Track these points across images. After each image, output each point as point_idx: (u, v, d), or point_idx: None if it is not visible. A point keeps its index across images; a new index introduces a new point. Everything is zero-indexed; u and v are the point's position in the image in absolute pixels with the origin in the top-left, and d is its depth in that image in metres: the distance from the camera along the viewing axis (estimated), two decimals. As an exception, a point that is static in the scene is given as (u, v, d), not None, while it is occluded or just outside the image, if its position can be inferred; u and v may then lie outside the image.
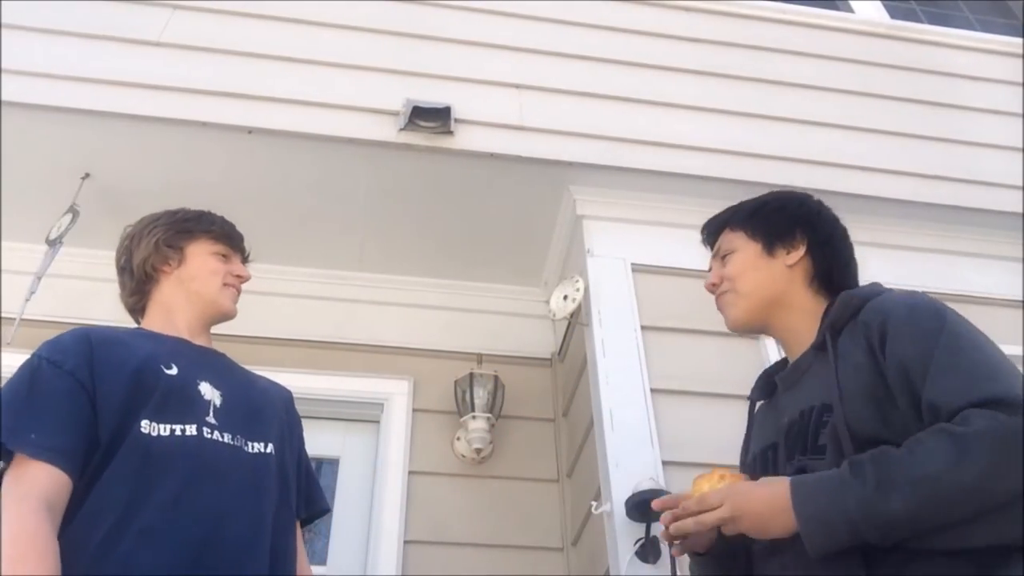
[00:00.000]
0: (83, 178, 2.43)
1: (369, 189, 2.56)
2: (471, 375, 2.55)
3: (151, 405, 1.23)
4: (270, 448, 1.36)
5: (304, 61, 2.57)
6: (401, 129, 2.43)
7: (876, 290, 1.23)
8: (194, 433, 1.25)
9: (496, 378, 2.56)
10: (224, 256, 1.53)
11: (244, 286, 1.55)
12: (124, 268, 1.51)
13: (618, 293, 2.35)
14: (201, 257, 1.50)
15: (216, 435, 1.28)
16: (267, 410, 1.43)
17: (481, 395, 2.51)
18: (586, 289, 2.35)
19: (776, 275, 1.31)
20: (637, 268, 2.41)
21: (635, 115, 2.67)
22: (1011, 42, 3.31)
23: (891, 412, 1.06)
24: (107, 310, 2.53)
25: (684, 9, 3.05)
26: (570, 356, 2.62)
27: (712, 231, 1.48)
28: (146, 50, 2.48)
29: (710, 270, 1.44)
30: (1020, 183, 2.73)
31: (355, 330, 2.73)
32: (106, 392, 1.21)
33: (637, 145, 2.57)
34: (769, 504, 1.05)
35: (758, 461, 1.27)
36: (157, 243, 1.48)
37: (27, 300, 2.19)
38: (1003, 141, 2.89)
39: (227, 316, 1.51)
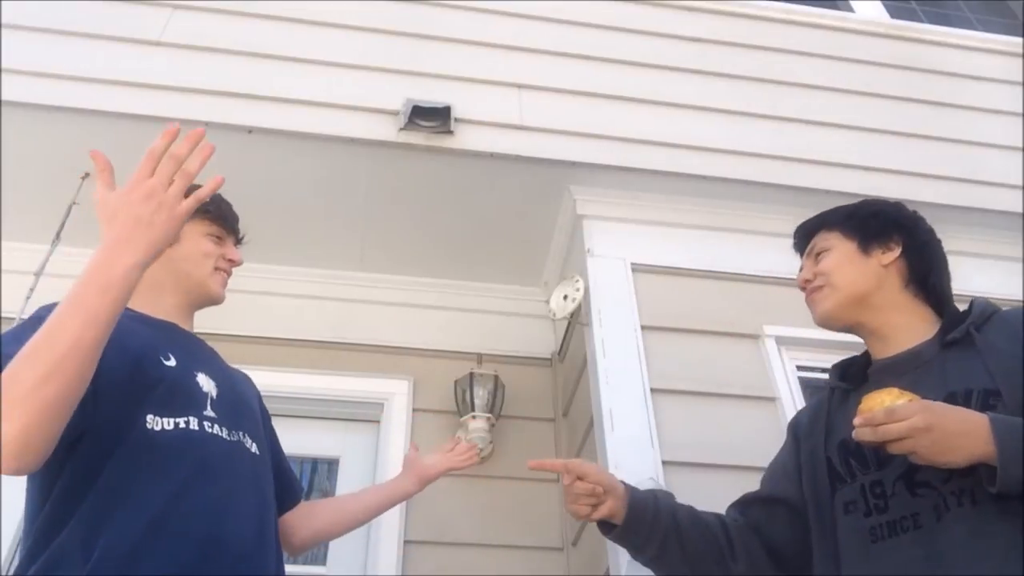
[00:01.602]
0: (83, 178, 2.42)
1: (369, 189, 2.56)
2: (471, 375, 2.55)
3: (155, 399, 1.21)
4: (258, 445, 1.35)
5: (304, 61, 2.56)
6: (401, 129, 2.43)
7: (997, 305, 1.31)
8: (196, 428, 1.24)
9: (496, 378, 2.56)
10: (218, 238, 1.49)
11: (244, 286, 1.54)
12: None
13: (618, 293, 2.34)
14: (194, 238, 1.45)
15: (216, 429, 1.26)
16: (252, 404, 1.43)
17: (481, 395, 2.51)
18: (586, 289, 2.35)
19: (870, 272, 1.35)
20: (637, 268, 2.41)
21: (635, 114, 2.67)
22: (1011, 42, 3.30)
23: None
24: (107, 310, 2.55)
25: (684, 8, 3.05)
26: (570, 356, 2.62)
27: (804, 233, 1.51)
28: (146, 50, 2.48)
29: (801, 270, 1.46)
30: (1020, 183, 2.73)
31: (355, 330, 2.73)
32: (104, 370, 1.15)
33: (637, 144, 2.57)
34: (964, 425, 1.05)
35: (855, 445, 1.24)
36: None
37: (27, 299, 2.19)
38: (1003, 141, 2.89)
39: (215, 301, 1.48)
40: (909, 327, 1.31)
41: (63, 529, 1.10)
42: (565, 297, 2.38)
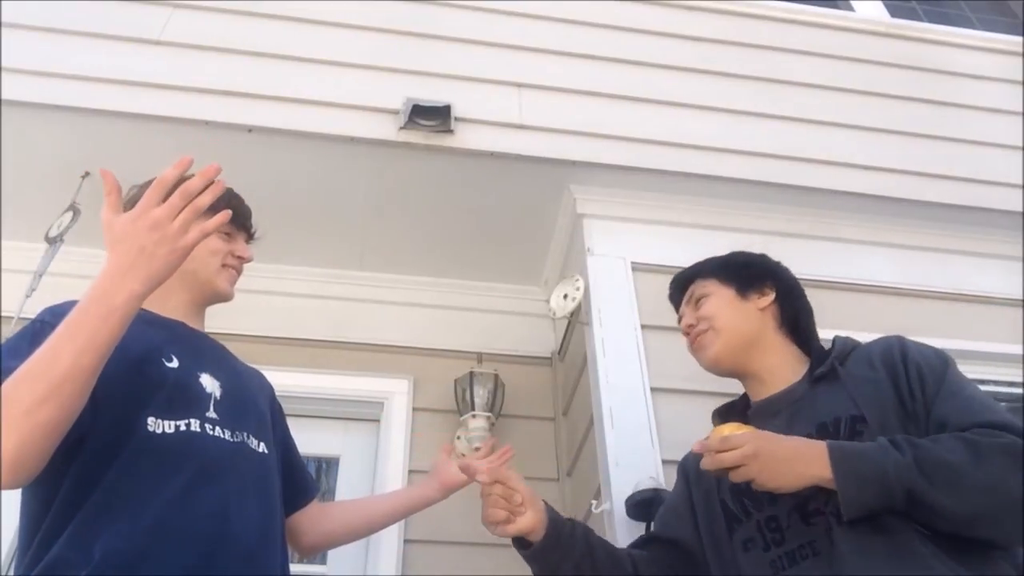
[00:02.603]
0: (83, 177, 2.42)
1: (369, 188, 2.56)
2: (471, 374, 2.55)
3: (156, 401, 1.20)
4: (265, 446, 1.34)
5: (304, 60, 2.56)
6: (401, 128, 2.43)
7: (856, 341, 1.41)
8: (198, 429, 1.22)
9: (496, 377, 2.56)
10: (227, 234, 1.46)
11: (244, 285, 1.52)
12: None
13: (618, 292, 2.34)
14: None
15: (218, 431, 1.25)
16: (260, 403, 1.41)
17: (481, 394, 2.51)
18: (586, 288, 2.35)
19: (751, 316, 1.45)
20: (637, 267, 2.41)
21: (636, 114, 2.67)
22: (1011, 41, 3.30)
23: (908, 424, 1.19)
24: (107, 309, 2.55)
25: (684, 7, 3.05)
26: (570, 355, 2.62)
27: (680, 284, 1.59)
28: (146, 49, 2.48)
29: (680, 320, 1.54)
30: (1020, 182, 2.73)
31: (355, 329, 2.73)
32: (106, 376, 1.15)
33: (637, 144, 2.57)
34: (795, 453, 1.14)
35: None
36: None
37: (27, 297, 2.19)
38: (1004, 140, 2.88)
39: (223, 298, 1.46)
40: (783, 367, 1.40)
41: (63, 535, 1.09)
42: (565, 296, 2.38)
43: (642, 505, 1.84)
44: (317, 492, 1.59)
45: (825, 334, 1.51)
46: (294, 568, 1.38)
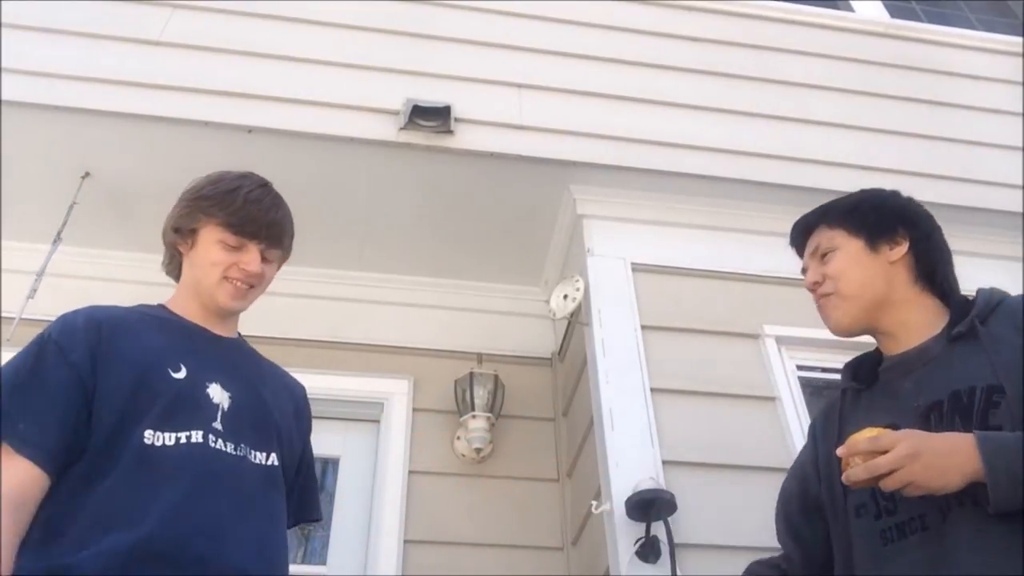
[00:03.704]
0: (83, 177, 2.43)
1: (369, 189, 2.56)
2: (471, 375, 2.55)
3: (156, 413, 1.18)
4: (273, 460, 1.30)
5: (304, 61, 2.56)
6: (401, 128, 2.43)
7: (1004, 293, 1.28)
8: (200, 440, 1.20)
9: (496, 378, 2.56)
10: (233, 247, 1.36)
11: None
12: (163, 234, 1.43)
13: (618, 293, 2.35)
14: (206, 244, 1.36)
15: (221, 444, 1.22)
16: (275, 413, 1.35)
17: (481, 395, 2.51)
18: (586, 289, 2.35)
19: (880, 272, 1.30)
20: (637, 268, 2.41)
21: (635, 114, 2.67)
22: (1011, 41, 3.30)
23: None
24: (107, 310, 2.55)
25: (684, 8, 3.05)
26: (570, 356, 2.62)
27: (803, 229, 1.43)
28: (146, 49, 2.48)
29: (804, 270, 1.41)
30: (1020, 182, 2.73)
31: (355, 330, 2.73)
32: (107, 390, 1.17)
33: (637, 144, 2.57)
34: (951, 448, 1.03)
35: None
36: (173, 222, 1.40)
37: (29, 298, 2.19)
38: (1003, 140, 2.88)
39: (224, 311, 1.39)
40: (919, 323, 1.28)
41: (54, 548, 1.08)
42: (565, 297, 2.38)
43: (642, 505, 1.84)
44: (315, 518, 1.52)
45: (823, 335, 1.51)
46: (294, 568, 1.37)
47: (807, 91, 2.89)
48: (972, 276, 2.68)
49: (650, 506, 1.83)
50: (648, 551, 1.85)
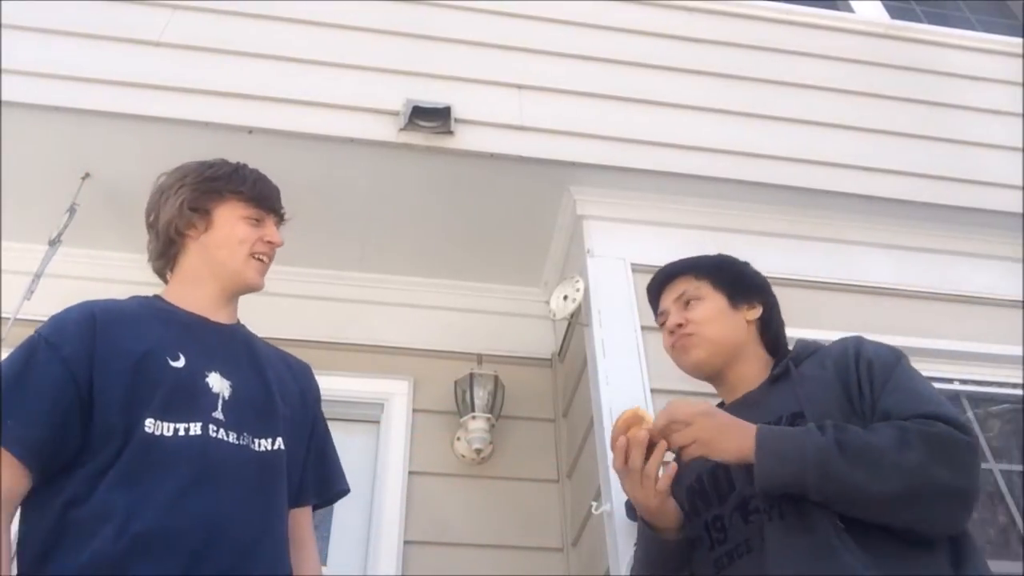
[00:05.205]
0: (83, 178, 2.43)
1: (369, 189, 2.56)
2: (471, 375, 2.55)
3: (156, 402, 1.18)
4: (279, 444, 1.29)
5: (304, 61, 2.56)
6: (401, 129, 2.43)
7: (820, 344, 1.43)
8: (199, 432, 1.19)
9: (496, 378, 2.56)
10: (256, 220, 1.39)
11: None
12: (151, 226, 1.40)
13: (618, 293, 2.34)
14: (229, 222, 1.37)
15: (222, 433, 1.21)
16: (278, 397, 1.34)
17: (481, 395, 2.51)
18: (586, 289, 2.35)
19: (739, 327, 1.46)
20: (637, 268, 2.41)
21: (635, 115, 2.67)
22: (1011, 42, 3.31)
23: (853, 420, 1.20)
24: (107, 310, 2.55)
25: (684, 9, 3.05)
26: (570, 356, 2.62)
27: (668, 276, 1.58)
28: (146, 50, 2.48)
29: (660, 314, 1.56)
30: (1020, 183, 2.73)
31: (355, 330, 2.73)
32: (104, 386, 1.16)
33: (637, 145, 2.57)
34: (739, 428, 1.19)
35: (706, 479, 1.34)
36: (182, 204, 1.35)
37: (26, 299, 2.19)
38: (1003, 141, 2.89)
39: (253, 289, 1.41)
40: (753, 375, 1.43)
41: (60, 538, 1.08)
42: (565, 297, 2.38)
43: (642, 506, 1.84)
44: (308, 504, 1.44)
45: (823, 335, 1.53)
46: (295, 568, 1.36)
47: (807, 92, 2.89)
48: (972, 276, 2.70)
49: (650, 507, 1.83)
50: (648, 552, 1.85)
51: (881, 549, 1.10)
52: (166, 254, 1.40)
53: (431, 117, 2.42)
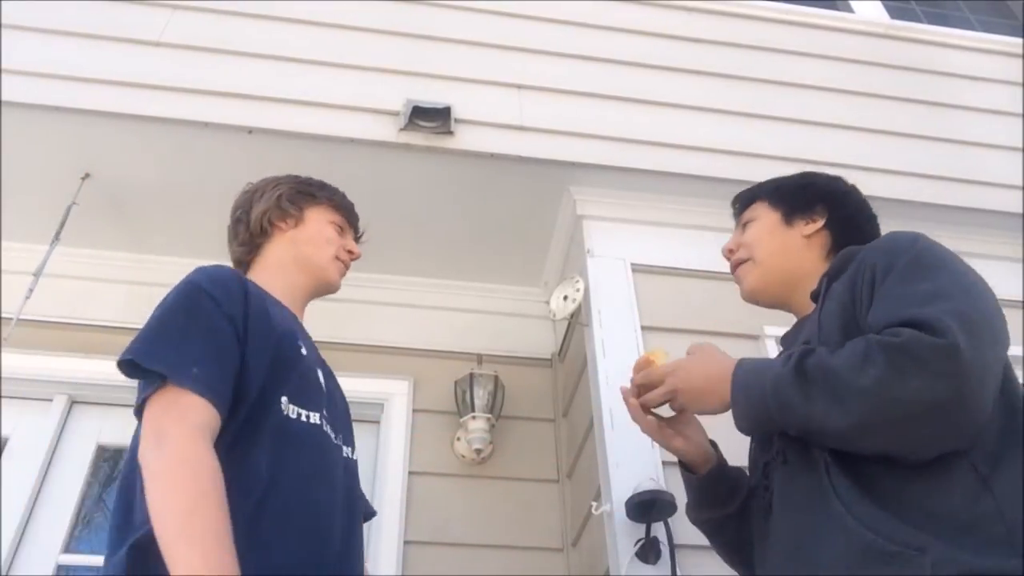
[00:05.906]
0: (83, 178, 2.43)
1: (369, 190, 2.55)
2: (471, 375, 2.55)
3: (291, 383, 1.17)
4: (356, 455, 1.33)
5: (304, 61, 2.56)
6: (401, 129, 2.43)
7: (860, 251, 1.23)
8: (318, 423, 1.20)
9: (496, 378, 2.56)
10: (340, 228, 1.50)
11: None
12: (240, 219, 1.45)
13: (618, 293, 2.35)
14: (319, 223, 1.46)
15: (329, 429, 1.23)
16: (347, 410, 1.39)
17: (481, 395, 2.51)
18: (586, 289, 2.35)
19: (790, 244, 1.32)
20: (637, 268, 2.41)
21: (635, 115, 2.67)
22: (1011, 42, 3.31)
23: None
24: (107, 310, 2.55)
25: (684, 9, 3.05)
26: (570, 356, 2.62)
27: (738, 204, 1.48)
28: (146, 50, 2.48)
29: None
30: (1020, 183, 2.73)
31: (355, 330, 2.72)
32: (254, 350, 1.13)
33: (637, 145, 2.57)
34: (707, 379, 1.16)
35: None
36: (280, 198, 1.44)
37: (26, 299, 2.19)
38: (1003, 141, 2.89)
39: (332, 288, 1.48)
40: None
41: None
42: (565, 298, 2.38)
43: (642, 506, 1.84)
44: (372, 514, 1.54)
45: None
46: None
47: (807, 92, 2.89)
48: (972, 277, 2.68)
49: (650, 507, 1.83)
50: (648, 552, 1.85)
51: (882, 483, 0.95)
52: (253, 243, 1.43)
53: (431, 117, 2.42)
